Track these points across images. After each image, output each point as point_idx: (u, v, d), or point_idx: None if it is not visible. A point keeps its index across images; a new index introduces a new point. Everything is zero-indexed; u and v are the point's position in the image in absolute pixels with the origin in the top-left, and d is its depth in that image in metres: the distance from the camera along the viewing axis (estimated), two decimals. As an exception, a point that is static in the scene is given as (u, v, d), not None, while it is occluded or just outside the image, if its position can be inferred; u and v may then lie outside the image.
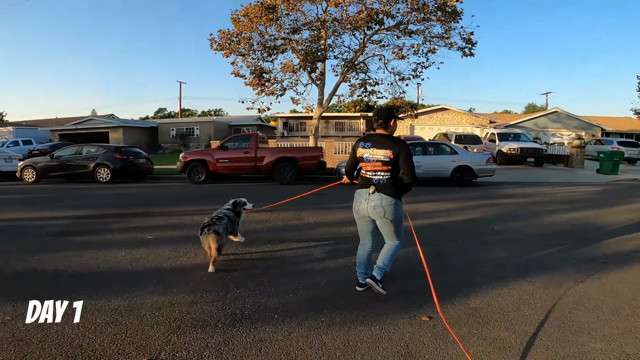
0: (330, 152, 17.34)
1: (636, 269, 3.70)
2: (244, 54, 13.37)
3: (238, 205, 4.31)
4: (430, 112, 25.87)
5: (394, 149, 2.77)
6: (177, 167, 11.51)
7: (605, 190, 10.18)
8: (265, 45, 12.80)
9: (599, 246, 4.54)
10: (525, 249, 4.37)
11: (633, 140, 24.29)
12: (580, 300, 3.01)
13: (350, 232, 5.08)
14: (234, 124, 34.59)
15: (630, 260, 3.97)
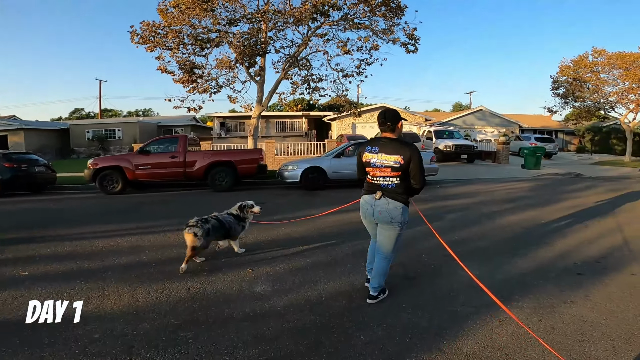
0: (271, 153, 16.32)
1: (615, 280, 3.39)
2: (172, 48, 11.74)
3: (244, 208, 4.22)
4: (372, 111, 26.08)
5: (404, 154, 2.66)
6: (85, 176, 9.62)
7: (536, 186, 10.65)
8: (197, 38, 11.33)
9: (565, 253, 4.25)
10: (496, 263, 3.90)
11: (548, 136, 27.07)
12: (584, 328, 2.52)
13: (300, 253, 4.22)
14: (164, 124, 31.67)
15: (603, 269, 3.68)
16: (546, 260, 3.95)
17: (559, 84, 22.33)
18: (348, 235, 4.92)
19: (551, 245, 4.49)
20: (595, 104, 21.67)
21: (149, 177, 9.68)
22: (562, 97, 22.50)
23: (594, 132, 29.75)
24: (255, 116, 13.10)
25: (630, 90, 19.50)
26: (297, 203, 7.66)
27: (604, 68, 20.06)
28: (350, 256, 4.15)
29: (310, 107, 38.95)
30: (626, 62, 18.88)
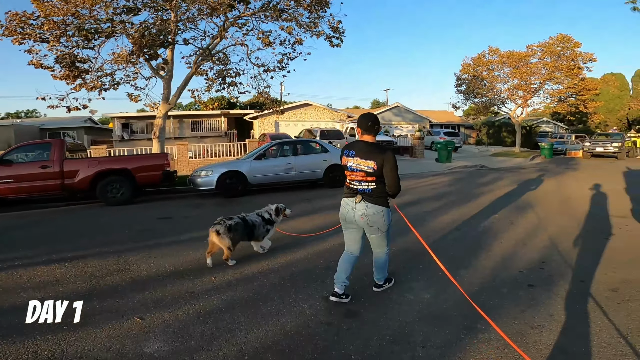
0: (184, 156, 14.51)
1: (570, 291, 3.12)
2: (50, 40, 9.39)
3: (280, 211, 4.32)
4: (295, 108, 25.42)
5: (377, 160, 2.68)
6: None
7: (453, 180, 11.09)
8: (82, 28, 9.16)
9: (506, 260, 3.97)
10: (442, 281, 3.39)
11: (453, 130, 29.59)
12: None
13: (212, 288, 3.22)
14: (50, 127, 26.70)
15: (550, 277, 3.44)
16: (491, 271, 3.60)
17: (462, 81, 24.38)
18: (277, 260, 4.03)
19: (489, 251, 4.21)
20: (490, 99, 24.17)
21: (11, 193, 7.48)
22: (464, 94, 24.61)
23: (488, 126, 33.57)
24: (160, 115, 11.31)
25: (518, 87, 22.11)
26: (211, 215, 6.47)
27: (498, 66, 22.40)
28: (279, 287, 3.28)
29: (231, 106, 36.69)
30: (515, 60, 21.32)
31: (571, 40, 20.61)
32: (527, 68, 21.24)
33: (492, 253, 4.14)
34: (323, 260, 3.97)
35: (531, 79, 21.64)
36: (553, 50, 20.73)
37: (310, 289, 3.21)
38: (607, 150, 19.30)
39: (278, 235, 4.60)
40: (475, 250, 4.22)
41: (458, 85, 24.78)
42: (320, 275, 3.53)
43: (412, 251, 4.19)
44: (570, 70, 20.61)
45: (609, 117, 33.34)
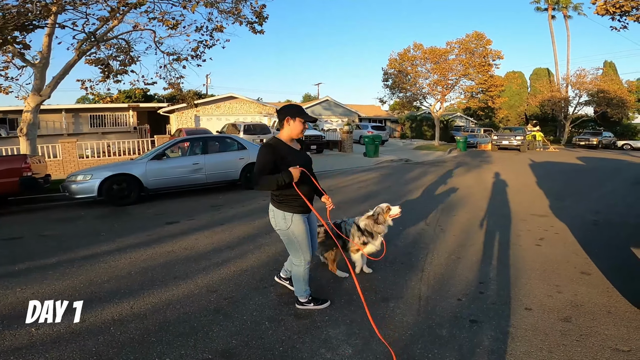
0: (72, 156, 12.04)
1: (520, 328, 2.56)
2: None
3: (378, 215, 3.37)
4: (218, 102, 23.33)
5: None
6: None
7: (380, 177, 10.77)
8: None
9: (440, 282, 3.38)
10: (371, 325, 2.60)
11: (380, 124, 30.22)
12: None
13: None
14: None
15: (493, 306, 2.86)
16: (426, 302, 2.90)
17: (388, 76, 24.79)
18: (136, 296, 2.85)
19: (422, 270, 3.55)
20: (413, 94, 25.01)
21: None
22: (390, 88, 25.09)
23: (411, 120, 35.19)
24: (29, 109, 9.00)
25: (438, 83, 23.13)
26: (83, 231, 4.95)
27: (421, 61, 23.15)
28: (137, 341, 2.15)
29: (148, 99, 32.68)
30: (436, 56, 22.18)
31: (484, 37, 22.02)
32: (446, 64, 22.24)
33: (426, 273, 3.48)
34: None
35: (449, 74, 22.77)
36: (468, 47, 21.97)
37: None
38: (511, 144, 21.16)
39: (155, 255, 3.40)
40: (406, 271, 3.54)
41: (385, 80, 25.15)
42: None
43: (333, 277, 3.35)
44: (482, 67, 22.09)
45: (510, 113, 37.20)
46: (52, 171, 11.29)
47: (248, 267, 3.56)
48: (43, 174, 7.45)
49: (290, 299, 2.89)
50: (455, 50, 22.61)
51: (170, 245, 4.23)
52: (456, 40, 22.60)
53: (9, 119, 20.60)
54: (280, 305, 2.82)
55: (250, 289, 3.09)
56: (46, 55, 9.10)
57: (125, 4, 8.68)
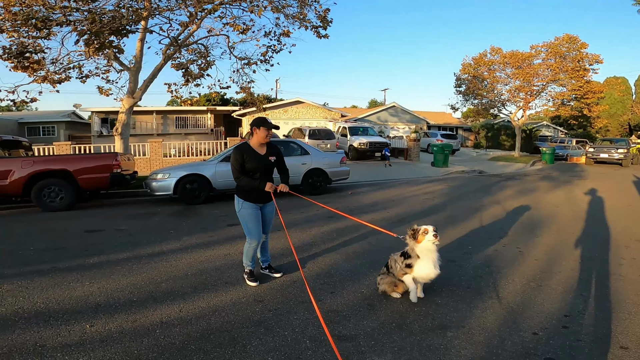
0: (158, 155, 13.34)
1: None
2: (2, 30, 8.25)
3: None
4: (285, 106, 24.22)
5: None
6: None
7: (450, 189, 9.99)
8: (29, 17, 7.99)
9: (513, 312, 2.89)
10: (436, 340, 2.28)
11: (451, 132, 28.52)
12: None
13: None
14: (28, 121, 25.45)
15: (577, 347, 2.31)
16: (493, 335, 2.47)
17: (461, 82, 23.29)
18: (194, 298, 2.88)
19: (491, 298, 3.09)
20: (490, 101, 23.11)
21: None
22: (463, 95, 23.54)
23: (487, 128, 32.54)
24: (123, 111, 10.16)
25: (520, 89, 21.05)
26: (156, 228, 5.34)
27: (499, 66, 21.33)
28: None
29: (224, 102, 35.38)
30: (518, 61, 20.24)
31: (577, 40, 19.56)
32: (530, 69, 20.18)
33: (495, 300, 3.02)
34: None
35: (534, 80, 20.60)
36: (558, 51, 19.68)
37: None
38: (612, 157, 18.26)
39: (213, 256, 3.45)
40: (472, 296, 3.10)
41: (457, 86, 23.71)
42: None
43: (387, 298, 3.05)
44: (576, 72, 19.56)
45: (611, 122, 32.38)
46: (140, 168, 12.67)
47: (298, 278, 3.44)
48: (131, 171, 8.31)
49: (336, 318, 2.70)
50: (542, 54, 20.38)
51: (228, 248, 4.31)
52: (543, 44, 20.38)
53: (110, 119, 23.75)
54: (325, 324, 2.63)
55: (297, 302, 2.96)
56: (139, 60, 10.21)
57: (202, 9, 9.36)
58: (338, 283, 3.38)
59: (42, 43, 8.95)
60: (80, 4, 8.35)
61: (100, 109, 22.98)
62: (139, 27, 9.54)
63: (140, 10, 8.89)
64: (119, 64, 10.22)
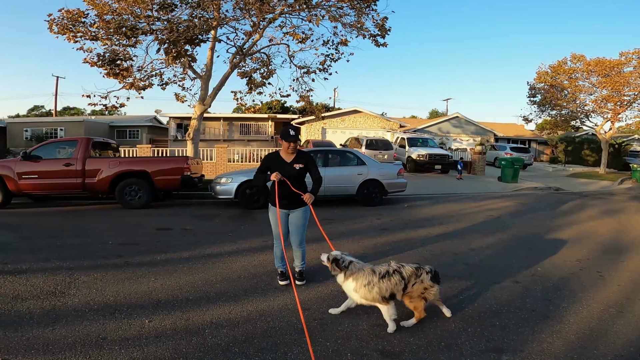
0: (223, 160, 14.25)
1: None
2: (98, 38, 9.57)
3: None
4: (343, 115, 24.40)
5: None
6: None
7: (520, 206, 9.15)
8: (120, 26, 9.16)
9: (585, 338, 2.54)
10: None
11: (523, 145, 26.29)
12: None
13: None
14: (117, 124, 28.86)
15: None
16: (555, 359, 2.19)
17: (536, 91, 21.42)
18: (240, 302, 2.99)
19: (561, 322, 2.74)
20: (571, 112, 20.88)
21: (36, 189, 7.43)
22: (538, 105, 21.61)
23: (567, 142, 29.37)
24: (195, 117, 11.03)
25: (608, 99, 18.74)
26: (216, 230, 5.68)
27: (582, 75, 19.24)
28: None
29: (284, 110, 36.83)
30: (605, 69, 18.07)
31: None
32: (620, 77, 17.87)
33: (566, 325, 2.70)
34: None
35: (624, 89, 18.19)
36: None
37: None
38: None
39: (264, 260, 3.55)
40: (537, 320, 2.81)
41: (531, 96, 21.83)
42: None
43: (437, 314, 2.86)
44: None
45: None
46: (207, 172, 13.64)
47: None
48: (199, 174, 8.97)
49: (381, 332, 2.62)
50: (633, 61, 17.94)
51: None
52: (634, 50, 17.93)
53: (184, 124, 25.98)
54: (369, 337, 2.57)
55: (343, 313, 2.92)
56: (209, 68, 11.04)
57: (263, 18, 9.84)
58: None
59: (130, 51, 10.13)
60: (161, 13, 9.30)
61: (176, 114, 25.24)
62: (209, 37, 10.34)
63: (210, 20, 9.65)
64: (193, 72, 11.11)
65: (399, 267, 2.72)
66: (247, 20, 10.24)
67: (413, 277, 2.70)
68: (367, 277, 2.66)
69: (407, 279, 2.68)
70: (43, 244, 4.68)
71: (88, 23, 9.49)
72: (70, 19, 9.36)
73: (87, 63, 10.00)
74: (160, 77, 11.28)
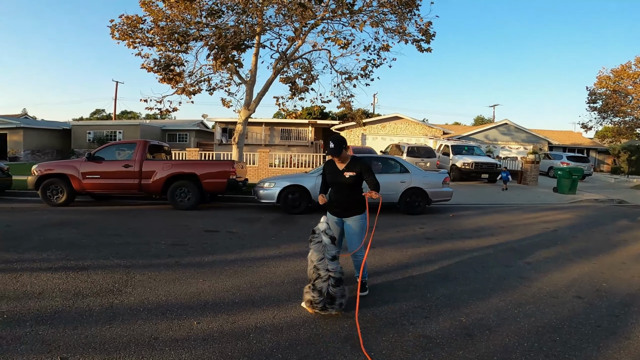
0: (265, 164, 14.59)
1: None
2: (154, 44, 10.26)
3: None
4: (383, 121, 24.11)
5: None
6: (29, 183, 8.23)
7: (579, 219, 8.43)
8: (173, 32, 9.76)
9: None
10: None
11: (581, 154, 24.32)
12: None
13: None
14: (169, 128, 30.67)
15: None
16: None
17: (596, 97, 19.83)
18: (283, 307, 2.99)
19: (626, 337, 2.58)
20: (637, 119, 19.04)
21: (97, 188, 8.07)
22: (599, 112, 19.95)
23: (630, 151, 26.72)
24: (240, 122, 11.44)
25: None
26: (259, 234, 5.80)
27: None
28: None
29: (324, 116, 37.16)
30: (679, 73, 16.32)
31: None
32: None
33: (634, 342, 2.47)
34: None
35: None
36: None
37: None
38: None
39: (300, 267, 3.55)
40: (602, 335, 2.61)
41: (591, 102, 20.25)
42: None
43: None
44: None
45: None
46: (250, 176, 14.07)
47: (390, 299, 3.31)
48: (243, 178, 9.26)
49: (429, 344, 2.53)
50: None
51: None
52: None
53: (228, 129, 27.05)
54: (415, 348, 2.47)
55: (387, 323, 2.84)
56: (254, 73, 11.40)
57: (305, 24, 9.97)
58: (433, 308, 3.16)
59: (182, 57, 10.72)
60: (210, 19, 9.76)
61: (221, 119, 26.33)
62: (254, 42, 10.69)
63: (254, 25, 9.97)
64: (238, 77, 11.53)
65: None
66: (289, 26, 10.48)
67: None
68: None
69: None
70: (104, 241, 5.04)
71: (145, 29, 10.15)
72: (130, 25, 10.06)
73: (144, 68, 10.74)
74: (208, 82, 11.83)
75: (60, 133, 27.64)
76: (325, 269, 2.89)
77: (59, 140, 27.50)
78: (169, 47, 10.34)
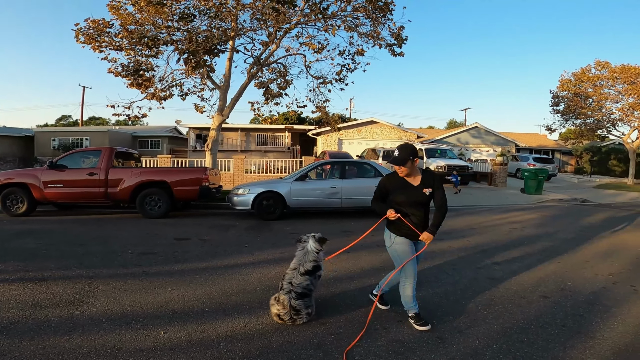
0: (240, 171, 14.39)
1: None
2: (122, 48, 9.89)
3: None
4: (359, 126, 24.38)
5: None
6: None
7: (545, 219, 8.80)
8: (142, 36, 9.46)
9: (622, 359, 2.33)
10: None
11: (546, 156, 25.50)
12: None
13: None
14: (140, 135, 29.70)
15: None
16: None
17: (559, 100, 20.87)
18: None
19: (590, 336, 2.57)
20: (597, 121, 20.19)
21: (60, 197, 7.68)
22: (562, 114, 21.02)
23: (592, 152, 28.35)
24: (214, 128, 11.22)
25: (635, 107, 18.04)
26: (233, 241, 5.68)
27: (607, 82, 18.64)
28: None
29: (301, 121, 37.16)
30: (631, 76, 17.46)
31: None
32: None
33: (599, 341, 2.55)
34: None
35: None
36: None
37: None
38: None
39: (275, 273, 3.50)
40: (568, 335, 2.68)
41: (555, 105, 21.28)
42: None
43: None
44: None
45: None
46: (225, 182, 13.81)
47: (364, 303, 3.31)
48: (217, 185, 9.07)
49: (401, 349, 2.53)
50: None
51: (296, 266, 4.37)
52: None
53: (203, 135, 26.51)
54: (388, 354, 2.47)
55: (360, 328, 2.82)
56: (228, 78, 11.22)
57: (279, 28, 9.96)
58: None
59: (152, 61, 10.42)
60: (181, 24, 9.55)
61: (195, 125, 25.78)
62: (227, 47, 10.54)
63: (228, 30, 9.85)
64: (211, 82, 11.31)
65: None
66: (263, 30, 10.42)
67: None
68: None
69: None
70: (66, 251, 4.79)
71: (113, 33, 9.80)
72: (96, 28, 9.69)
73: (111, 73, 10.35)
74: (180, 87, 11.55)
75: (22, 140, 26.16)
76: (289, 282, 2.86)
77: (21, 147, 26.01)
78: (138, 51, 10.02)
